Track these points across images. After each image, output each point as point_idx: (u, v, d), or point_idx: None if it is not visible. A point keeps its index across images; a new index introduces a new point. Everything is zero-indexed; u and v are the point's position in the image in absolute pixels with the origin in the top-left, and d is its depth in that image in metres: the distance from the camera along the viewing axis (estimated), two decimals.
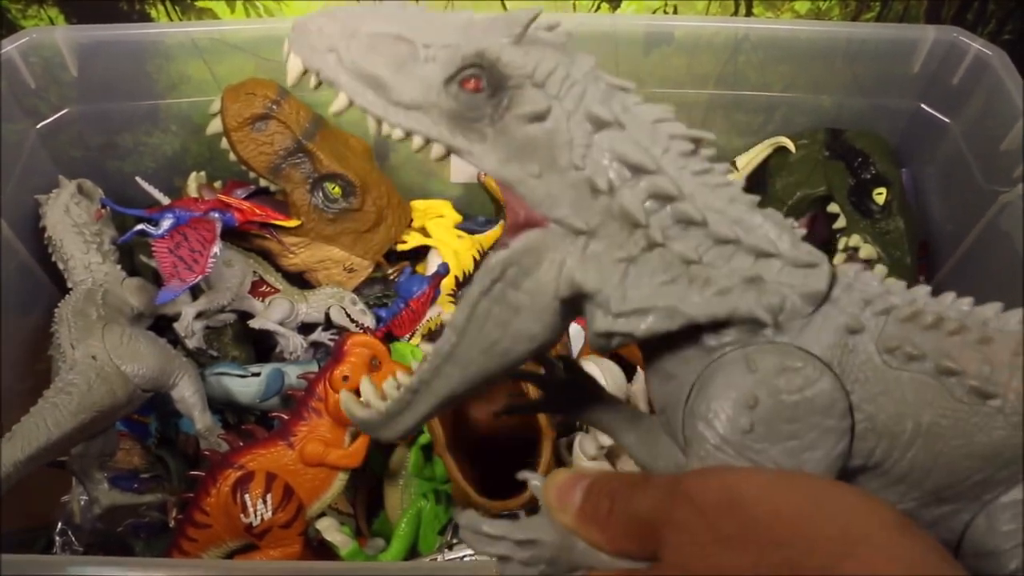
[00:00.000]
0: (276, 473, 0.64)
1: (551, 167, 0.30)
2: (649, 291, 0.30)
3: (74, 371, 0.65)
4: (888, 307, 0.32)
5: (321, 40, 0.31)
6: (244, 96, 0.75)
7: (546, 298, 0.31)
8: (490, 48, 0.30)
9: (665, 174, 0.30)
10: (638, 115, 0.31)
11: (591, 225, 0.30)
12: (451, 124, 0.31)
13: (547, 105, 0.30)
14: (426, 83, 0.30)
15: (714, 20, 0.83)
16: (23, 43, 0.73)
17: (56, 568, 0.50)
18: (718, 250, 0.31)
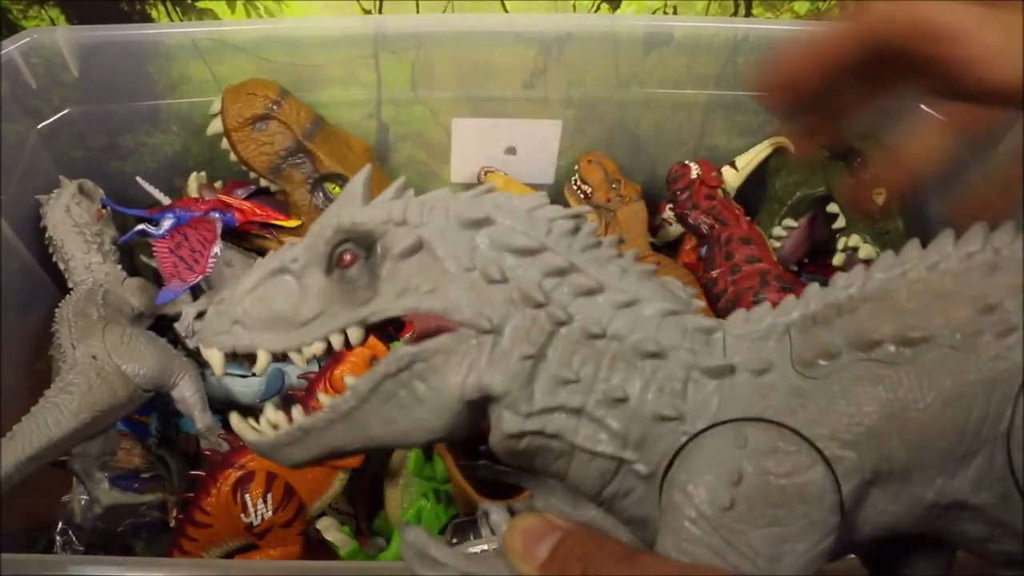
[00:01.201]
0: (276, 473, 0.64)
1: (443, 279, 0.30)
2: (553, 387, 0.30)
3: (75, 371, 0.65)
4: (785, 327, 0.31)
5: (222, 321, 0.32)
6: (244, 96, 0.76)
7: (450, 398, 0.30)
8: (342, 218, 0.31)
9: (551, 250, 0.30)
10: (512, 207, 0.31)
11: (495, 320, 0.30)
12: (349, 302, 0.31)
13: (416, 236, 0.30)
14: (315, 289, 0.31)
15: (714, 21, 0.83)
16: (24, 43, 0.74)
17: (57, 567, 0.50)
18: (621, 319, 0.30)
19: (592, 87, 0.82)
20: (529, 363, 0.29)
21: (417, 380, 0.30)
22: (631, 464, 0.30)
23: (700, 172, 0.81)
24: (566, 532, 0.28)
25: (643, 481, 0.31)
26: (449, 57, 0.80)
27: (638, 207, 0.83)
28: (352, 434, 0.32)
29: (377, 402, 0.31)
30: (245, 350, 0.32)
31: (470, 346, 0.30)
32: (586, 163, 0.85)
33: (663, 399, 0.30)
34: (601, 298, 0.30)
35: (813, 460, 0.29)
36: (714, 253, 0.78)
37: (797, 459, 0.28)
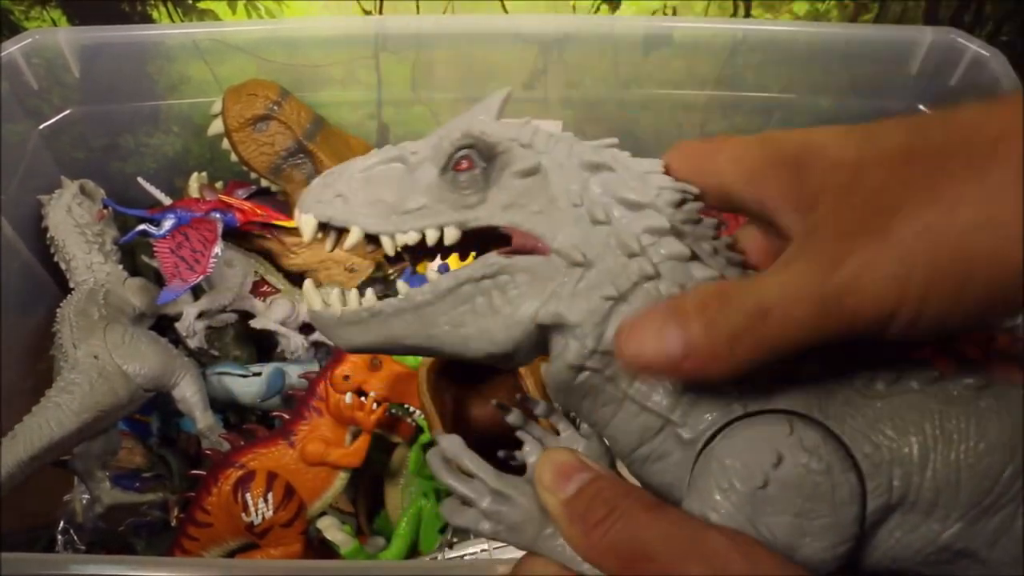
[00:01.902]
0: (277, 472, 0.65)
1: (551, 206, 0.31)
2: None
3: (76, 370, 0.65)
4: None
5: (325, 192, 0.33)
6: (245, 97, 0.76)
7: (524, 316, 0.31)
8: (472, 126, 0.32)
9: (657, 211, 0.31)
10: (628, 165, 0.32)
11: (589, 256, 0.30)
12: (455, 204, 0.32)
13: (537, 160, 0.31)
14: (425, 183, 0.32)
15: (713, 21, 0.84)
16: (26, 44, 0.74)
17: (58, 566, 0.50)
18: None
19: (592, 88, 0.83)
20: (609, 304, 0.30)
21: (497, 290, 0.31)
22: (676, 427, 0.31)
23: None
24: (597, 474, 0.28)
25: (681, 447, 0.31)
26: (449, 58, 0.80)
27: None
28: (416, 327, 0.33)
29: (452, 302, 0.32)
30: (341, 223, 0.32)
31: (558, 274, 0.30)
32: None
33: None
34: (693, 266, 0.31)
35: (849, 467, 0.29)
36: None
37: (836, 462, 0.29)
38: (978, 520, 0.29)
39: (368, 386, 0.68)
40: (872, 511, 0.29)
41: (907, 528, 0.30)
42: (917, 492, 0.29)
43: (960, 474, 0.29)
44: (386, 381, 0.68)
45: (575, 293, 0.30)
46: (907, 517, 0.30)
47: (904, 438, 0.29)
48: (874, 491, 0.29)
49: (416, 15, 0.86)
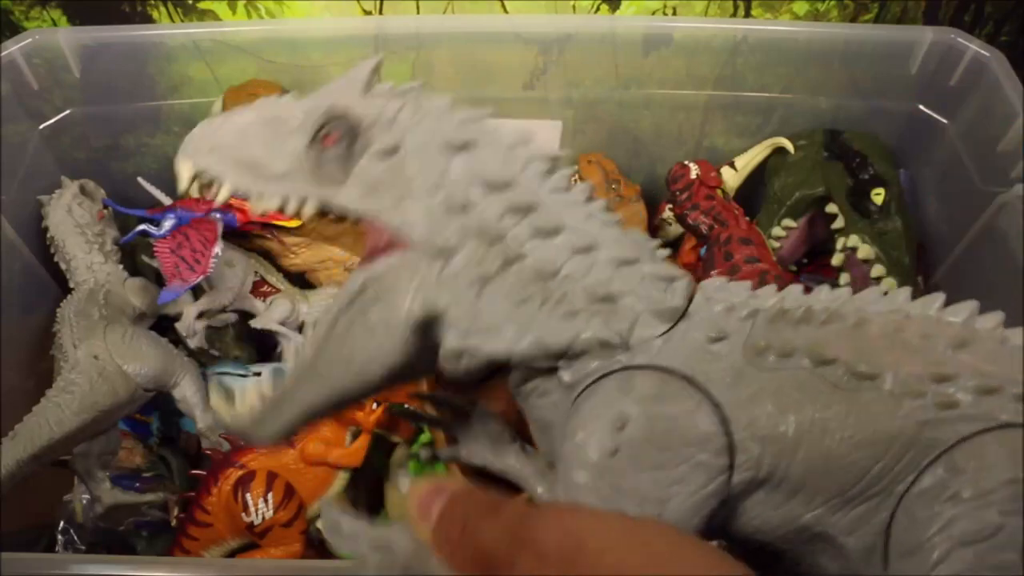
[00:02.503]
0: (277, 472, 0.65)
1: (409, 193, 0.31)
2: (502, 310, 0.30)
3: (76, 370, 0.65)
4: (754, 310, 0.31)
5: (202, 142, 0.33)
6: (246, 97, 0.76)
7: (400, 318, 0.31)
8: (338, 101, 0.31)
9: (521, 187, 0.31)
10: (495, 138, 0.32)
11: (449, 245, 0.30)
12: (317, 180, 0.32)
13: (398, 139, 0.31)
14: (293, 151, 0.32)
15: (713, 22, 0.84)
16: (26, 44, 0.74)
17: (58, 566, 0.50)
18: (575, 262, 0.31)
19: (592, 88, 0.83)
20: (476, 286, 0.30)
21: (370, 306, 0.31)
22: (559, 369, 0.31)
23: (699, 172, 0.81)
24: (451, 494, 0.29)
25: (561, 388, 0.32)
26: (449, 58, 0.80)
27: (638, 207, 0.83)
28: (319, 385, 0.32)
29: (334, 346, 0.32)
30: (212, 177, 0.33)
31: (420, 266, 0.30)
32: (586, 163, 0.85)
33: (610, 326, 0.30)
34: (559, 239, 0.31)
35: (697, 403, 0.29)
36: (713, 253, 0.78)
37: (681, 401, 0.29)
38: (840, 508, 0.29)
39: None
40: (740, 482, 0.29)
41: (771, 504, 0.30)
42: (786, 472, 0.29)
43: (830, 463, 0.29)
44: None
45: (440, 281, 0.30)
46: (772, 495, 0.30)
47: (784, 416, 0.29)
48: (744, 463, 0.29)
49: (416, 15, 0.86)
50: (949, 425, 0.29)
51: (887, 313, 0.31)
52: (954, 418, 0.28)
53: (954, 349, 0.30)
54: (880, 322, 0.30)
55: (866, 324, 0.30)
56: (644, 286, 0.31)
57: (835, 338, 0.30)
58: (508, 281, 0.30)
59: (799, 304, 0.31)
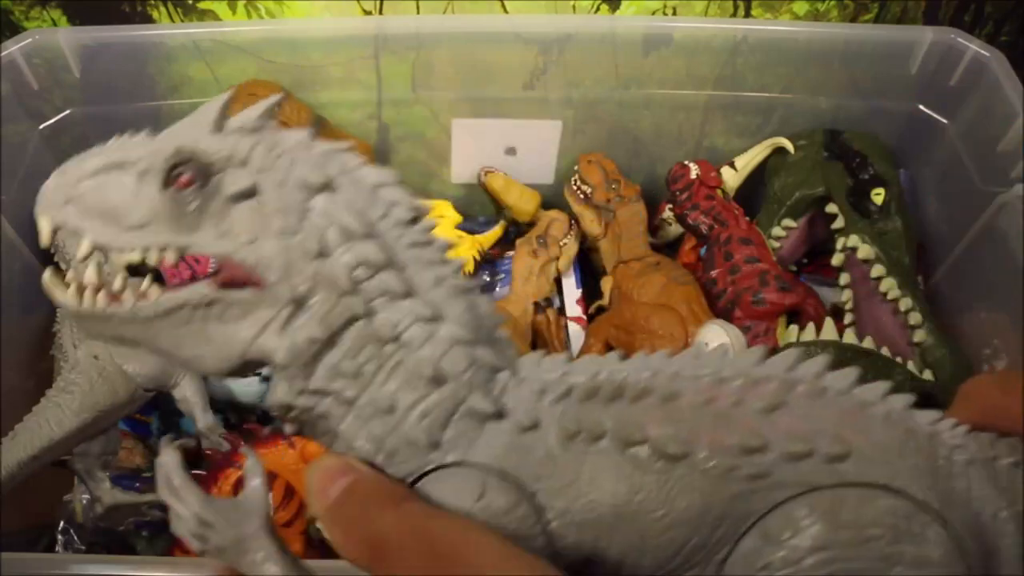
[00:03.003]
0: (277, 472, 0.65)
1: (265, 233, 0.30)
2: (332, 374, 0.30)
3: (76, 371, 0.65)
4: (567, 389, 0.31)
5: (57, 195, 0.31)
6: (245, 97, 0.76)
7: (234, 350, 0.30)
8: (186, 142, 0.30)
9: (378, 240, 0.30)
10: (358, 178, 0.31)
11: (299, 292, 0.29)
12: (175, 225, 0.30)
13: (252, 181, 0.30)
14: (149, 197, 0.30)
15: (713, 22, 0.84)
16: (26, 44, 0.74)
17: (58, 566, 0.50)
18: (416, 330, 0.30)
19: (592, 88, 0.83)
20: (316, 346, 0.29)
21: (211, 321, 0.30)
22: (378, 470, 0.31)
23: (699, 172, 0.81)
24: (358, 476, 0.29)
25: None
26: (449, 58, 0.80)
27: (638, 207, 0.83)
28: (144, 336, 0.32)
29: (171, 323, 0.31)
30: (72, 230, 0.31)
31: (269, 309, 0.30)
32: (586, 163, 0.85)
33: (423, 424, 0.30)
34: (406, 304, 0.30)
35: (536, 536, 0.29)
36: (713, 253, 0.78)
37: (523, 530, 0.29)
38: None
39: None
40: (564, 567, 0.29)
41: None
42: (605, 553, 0.29)
43: (646, 542, 0.29)
44: None
45: (284, 331, 0.30)
46: (596, 572, 0.30)
47: (597, 501, 0.29)
48: (564, 548, 0.29)
49: (416, 15, 0.86)
50: (762, 494, 0.29)
51: (700, 379, 0.31)
52: (766, 487, 0.29)
53: (767, 413, 0.30)
54: (692, 392, 0.30)
55: (677, 397, 0.30)
56: (471, 373, 0.30)
57: (646, 415, 0.29)
58: (347, 344, 0.30)
59: (611, 379, 0.31)
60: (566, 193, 0.86)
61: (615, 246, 0.83)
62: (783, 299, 0.72)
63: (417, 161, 0.89)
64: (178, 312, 0.30)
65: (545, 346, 0.80)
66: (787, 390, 0.30)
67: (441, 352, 0.30)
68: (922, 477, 0.29)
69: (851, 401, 0.31)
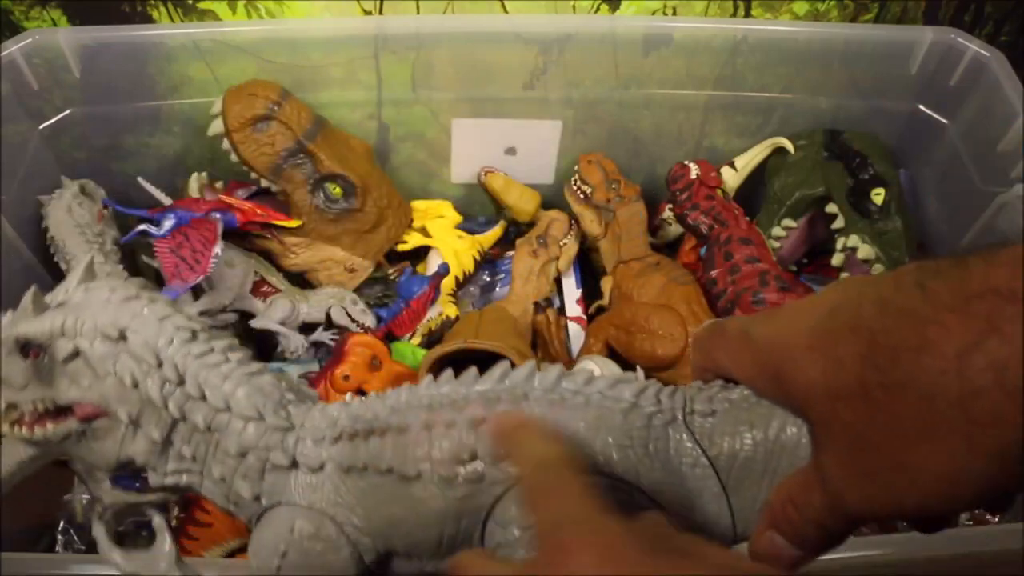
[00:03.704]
0: None
1: (95, 379, 0.39)
2: (179, 459, 0.40)
3: None
4: (338, 435, 0.39)
5: None
6: (245, 97, 0.76)
7: (110, 459, 0.40)
8: (16, 330, 0.39)
9: (168, 363, 0.39)
10: (146, 317, 0.39)
11: (133, 414, 0.39)
12: (43, 382, 0.39)
13: (73, 346, 0.38)
14: (20, 370, 0.39)
15: (713, 22, 0.84)
16: (26, 44, 0.74)
17: (58, 566, 0.51)
18: (219, 419, 0.39)
19: (592, 88, 0.83)
20: (158, 445, 0.39)
21: (89, 441, 0.40)
22: (237, 516, 0.41)
23: (699, 172, 0.81)
24: None
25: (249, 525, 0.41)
26: (449, 58, 0.80)
27: (638, 207, 0.83)
28: (59, 451, 0.41)
29: (68, 444, 0.40)
30: None
31: (119, 429, 0.40)
32: (586, 163, 0.85)
33: (244, 484, 0.39)
34: (205, 404, 0.39)
35: (342, 545, 0.38)
36: (713, 253, 0.78)
37: (330, 545, 0.38)
38: (445, 556, 0.38)
39: (368, 386, 0.68)
40: (371, 561, 0.39)
41: (403, 565, 0.39)
42: (395, 546, 0.38)
43: (416, 538, 0.38)
44: (386, 381, 0.68)
45: (135, 441, 0.40)
46: (399, 560, 0.39)
47: (373, 515, 0.38)
48: (366, 549, 0.38)
49: (416, 15, 0.86)
50: (485, 491, 0.36)
51: (417, 410, 0.38)
52: (487, 485, 0.36)
53: (475, 427, 0.37)
54: (416, 424, 0.38)
55: (405, 431, 0.38)
56: (266, 439, 0.39)
57: (386, 448, 0.38)
58: (180, 434, 0.40)
59: (366, 423, 0.39)
60: (566, 193, 0.86)
61: (615, 246, 0.83)
62: (783, 299, 0.72)
63: (417, 161, 0.89)
64: (67, 438, 0.40)
65: (545, 346, 0.80)
66: (489, 405, 0.37)
67: (238, 431, 0.39)
68: (615, 451, 0.36)
69: (552, 398, 0.37)
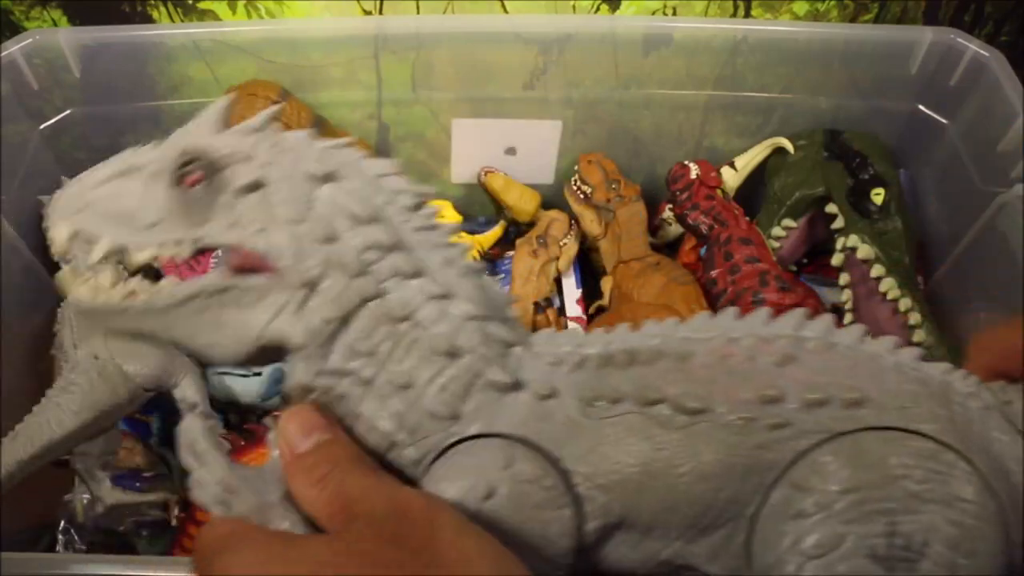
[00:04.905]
0: None
1: (274, 223, 0.31)
2: (348, 354, 0.31)
3: (77, 371, 0.65)
4: (581, 360, 0.32)
5: (70, 203, 0.33)
6: (246, 97, 0.76)
7: (249, 335, 0.31)
8: (192, 141, 0.32)
9: (384, 224, 0.31)
10: (361, 169, 0.32)
11: (311, 276, 0.30)
12: (187, 221, 0.32)
13: (258, 174, 0.31)
14: (158, 197, 0.32)
15: (713, 22, 0.84)
16: (26, 44, 0.74)
17: (58, 566, 0.51)
18: (428, 309, 0.31)
19: (592, 88, 0.83)
20: (331, 326, 0.30)
21: (227, 307, 0.31)
22: (401, 448, 0.31)
23: (699, 172, 0.81)
24: (334, 437, 0.29)
25: (411, 464, 0.32)
26: (449, 58, 0.80)
27: (638, 207, 0.83)
28: (161, 328, 0.34)
29: (186, 312, 0.32)
30: (88, 236, 0.33)
31: (282, 293, 0.31)
32: (586, 163, 0.85)
33: (442, 397, 0.30)
34: (417, 283, 0.31)
35: (565, 503, 0.29)
36: (713, 253, 0.78)
37: (551, 497, 0.29)
38: (696, 539, 0.30)
39: None
40: (593, 530, 0.30)
41: (629, 545, 0.30)
42: (636, 512, 0.30)
43: (675, 499, 0.29)
44: None
45: (299, 314, 0.30)
46: (629, 535, 0.30)
47: (622, 462, 0.29)
48: (592, 512, 0.30)
49: (416, 15, 0.86)
50: (785, 443, 0.29)
51: (711, 340, 0.31)
52: (788, 436, 0.29)
53: (780, 366, 0.30)
54: (704, 352, 0.31)
55: (690, 357, 0.31)
56: (486, 347, 0.31)
57: (661, 377, 0.30)
58: (362, 322, 0.30)
59: (624, 346, 0.32)
60: (566, 193, 0.86)
61: (615, 246, 0.83)
62: (783, 299, 0.72)
63: (417, 161, 0.89)
64: (192, 301, 0.32)
65: None
66: (797, 345, 0.31)
67: (455, 328, 0.30)
68: (939, 421, 0.30)
69: (861, 353, 0.31)
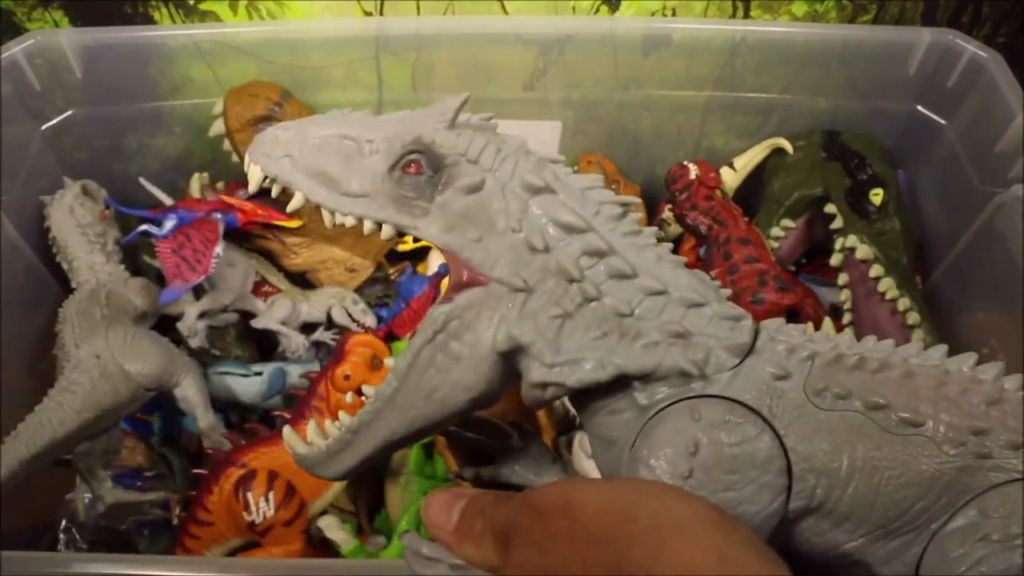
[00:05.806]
0: (278, 471, 0.65)
1: (490, 231, 0.32)
2: (582, 344, 0.32)
3: (78, 370, 0.66)
4: (812, 353, 0.34)
5: (276, 148, 0.34)
6: (246, 98, 0.76)
7: (484, 350, 0.33)
8: (425, 133, 0.33)
9: (596, 232, 0.32)
10: (569, 183, 0.34)
11: (529, 283, 0.32)
12: (396, 205, 0.33)
13: (481, 177, 0.32)
14: (371, 173, 0.33)
15: (712, 23, 0.84)
16: (28, 45, 0.74)
17: (60, 565, 0.51)
18: (649, 303, 0.33)
19: (592, 88, 0.83)
20: (558, 322, 0.32)
21: (452, 340, 0.33)
22: (635, 391, 0.33)
23: (699, 173, 0.81)
24: (471, 497, 0.30)
25: (635, 409, 0.33)
26: (450, 59, 0.80)
27: None
28: (398, 419, 0.34)
29: (416, 376, 0.33)
30: (285, 183, 0.34)
31: (501, 301, 0.32)
32: (586, 164, 0.85)
33: (687, 356, 0.32)
34: (635, 282, 0.33)
35: (761, 428, 0.32)
36: (712, 253, 0.78)
37: (746, 428, 0.31)
38: (880, 540, 0.32)
39: None
40: (793, 509, 0.32)
41: (817, 531, 0.33)
42: (836, 502, 0.32)
43: (877, 498, 0.32)
44: None
45: (522, 316, 0.32)
46: (820, 522, 0.32)
47: (838, 453, 0.32)
48: (799, 492, 0.32)
49: (416, 16, 0.87)
50: (983, 473, 0.32)
51: (929, 367, 0.34)
52: (988, 467, 0.32)
53: (987, 405, 0.33)
54: (924, 375, 0.34)
55: (913, 376, 0.33)
56: (713, 325, 0.33)
57: (885, 386, 0.33)
58: (586, 318, 0.32)
59: (853, 351, 0.34)
60: None
61: None
62: (782, 299, 0.72)
63: None
64: (419, 358, 0.33)
65: None
66: (1000, 390, 0.34)
67: (680, 316, 0.33)
68: None
69: None
